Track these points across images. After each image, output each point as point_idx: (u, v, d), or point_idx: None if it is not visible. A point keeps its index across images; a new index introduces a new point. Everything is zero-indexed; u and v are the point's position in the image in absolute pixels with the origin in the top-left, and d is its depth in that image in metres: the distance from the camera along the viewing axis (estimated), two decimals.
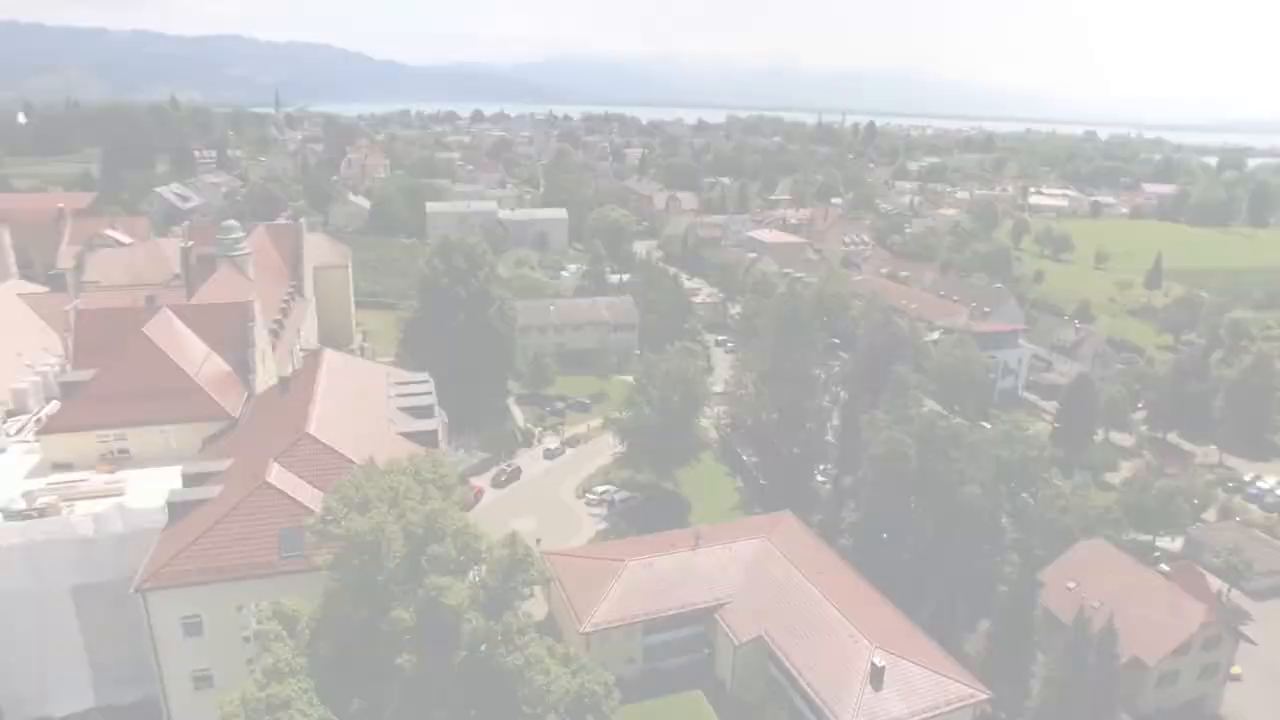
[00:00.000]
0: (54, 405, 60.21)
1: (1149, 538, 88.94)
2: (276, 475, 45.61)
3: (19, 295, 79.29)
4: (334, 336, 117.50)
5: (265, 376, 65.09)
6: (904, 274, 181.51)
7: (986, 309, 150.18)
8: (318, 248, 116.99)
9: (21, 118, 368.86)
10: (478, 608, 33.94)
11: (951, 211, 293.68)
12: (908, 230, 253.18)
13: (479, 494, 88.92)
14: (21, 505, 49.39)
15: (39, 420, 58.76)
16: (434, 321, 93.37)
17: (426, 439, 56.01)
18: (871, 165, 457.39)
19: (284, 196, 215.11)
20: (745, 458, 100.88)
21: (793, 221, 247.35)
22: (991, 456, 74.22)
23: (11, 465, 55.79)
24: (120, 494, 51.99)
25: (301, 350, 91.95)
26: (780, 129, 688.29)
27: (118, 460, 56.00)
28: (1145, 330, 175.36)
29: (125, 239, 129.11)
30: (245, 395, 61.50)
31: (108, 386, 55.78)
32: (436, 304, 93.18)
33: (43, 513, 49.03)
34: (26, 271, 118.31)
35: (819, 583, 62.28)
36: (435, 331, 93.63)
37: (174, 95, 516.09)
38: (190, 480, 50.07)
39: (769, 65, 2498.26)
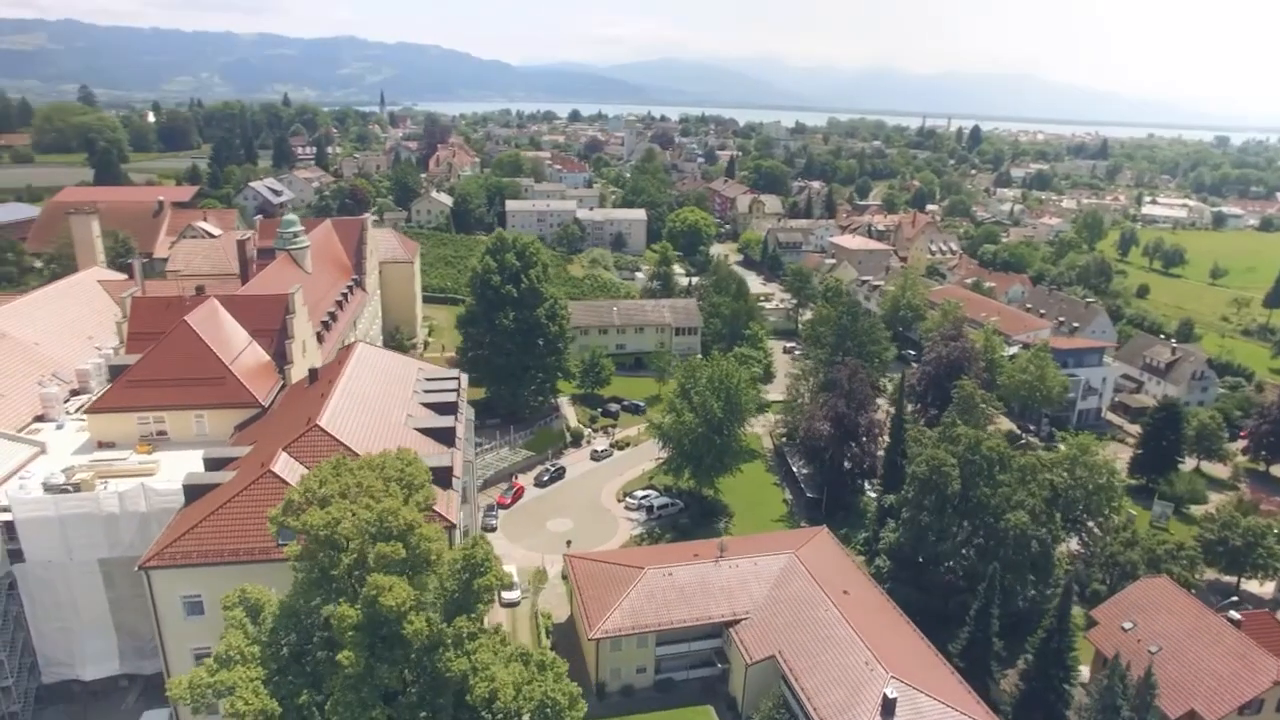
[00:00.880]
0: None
1: (1232, 579, 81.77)
2: (282, 464, 46.63)
3: (99, 281, 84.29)
4: (400, 330, 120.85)
5: (306, 366, 66.93)
6: (989, 285, 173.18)
7: (1075, 324, 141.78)
8: (386, 243, 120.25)
9: (150, 117, 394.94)
10: (437, 610, 33.62)
11: (1054, 221, 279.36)
12: (1003, 239, 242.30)
13: (519, 492, 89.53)
14: (60, 480, 52.18)
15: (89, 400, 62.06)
16: (484, 318, 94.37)
17: (443, 436, 56.31)
18: (973, 172, 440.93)
19: (371, 192, 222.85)
20: (796, 469, 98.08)
21: (880, 228, 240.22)
22: (1045, 481, 69.52)
23: (65, 441, 59.19)
24: (152, 474, 54.36)
25: (354, 341, 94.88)
26: (881, 133, 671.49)
27: (156, 442, 58.61)
28: (1259, 353, 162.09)
29: (215, 230, 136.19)
30: (280, 384, 63.45)
31: (149, 371, 58.48)
32: (487, 301, 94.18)
33: (77, 488, 51.62)
34: (125, 260, 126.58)
35: (842, 604, 59.53)
36: (485, 328, 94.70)
37: (286, 94, 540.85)
38: (211, 465, 51.85)
39: (872, 68, 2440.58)
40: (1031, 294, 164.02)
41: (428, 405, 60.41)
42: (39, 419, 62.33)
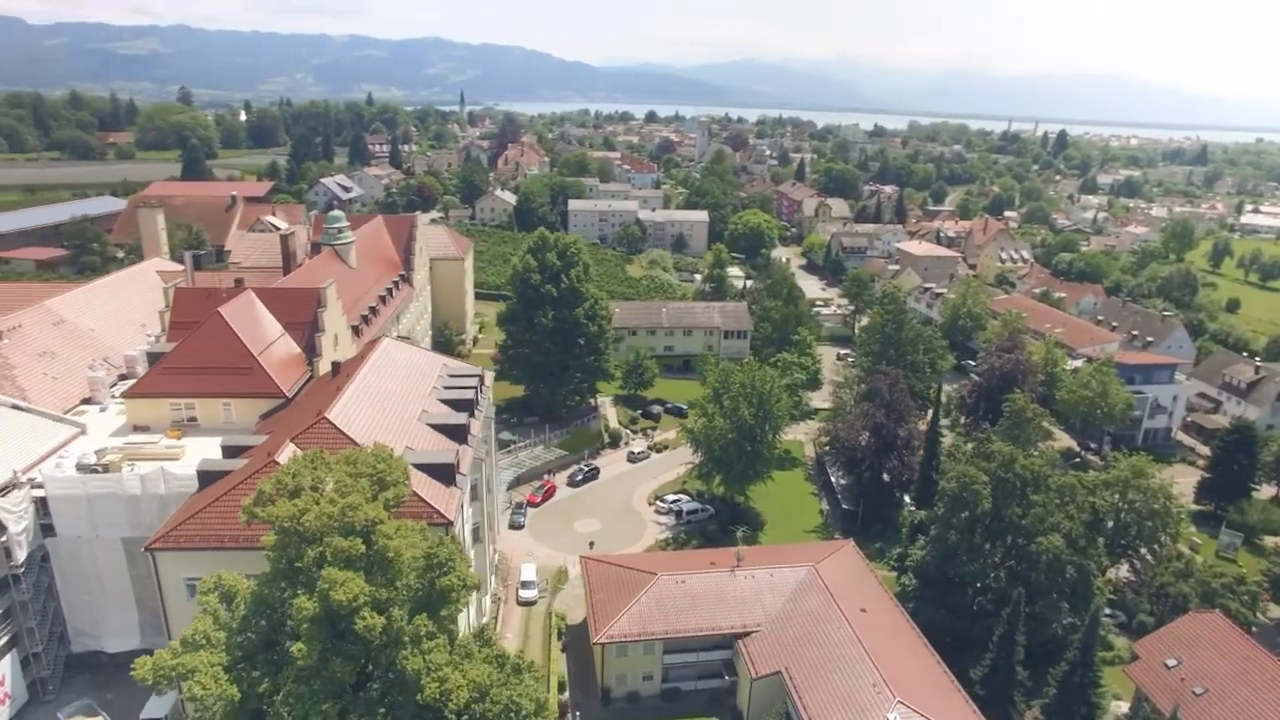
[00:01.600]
0: None
1: None
2: (287, 456, 47.48)
3: (159, 272, 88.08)
4: (449, 326, 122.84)
5: (341, 359, 68.40)
6: (1059, 295, 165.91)
7: (1149, 339, 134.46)
8: (438, 240, 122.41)
9: (242, 116, 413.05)
10: (402, 607, 33.64)
11: (1140, 229, 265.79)
12: (1083, 248, 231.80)
13: (550, 491, 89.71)
14: (92, 460, 54.57)
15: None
16: (523, 316, 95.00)
17: (455, 433, 56.71)
18: (1058, 178, 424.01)
19: (438, 190, 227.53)
20: (834, 479, 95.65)
21: (950, 234, 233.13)
22: (1086, 504, 65.76)
23: (104, 423, 61.88)
24: (177, 458, 56.25)
25: (396, 336, 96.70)
26: (963, 137, 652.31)
27: (187, 428, 60.71)
28: None
29: (283, 224, 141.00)
30: (307, 376, 64.98)
31: (183, 359, 60.61)
32: (527, 299, 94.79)
33: (106, 469, 53.86)
34: (196, 252, 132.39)
35: (857, 622, 57.51)
36: (524, 326, 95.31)
37: (370, 94, 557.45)
38: (228, 452, 53.38)
39: (956, 70, 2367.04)
40: (1104, 306, 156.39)
41: (446, 401, 60.89)
42: (86, 401, 65.34)
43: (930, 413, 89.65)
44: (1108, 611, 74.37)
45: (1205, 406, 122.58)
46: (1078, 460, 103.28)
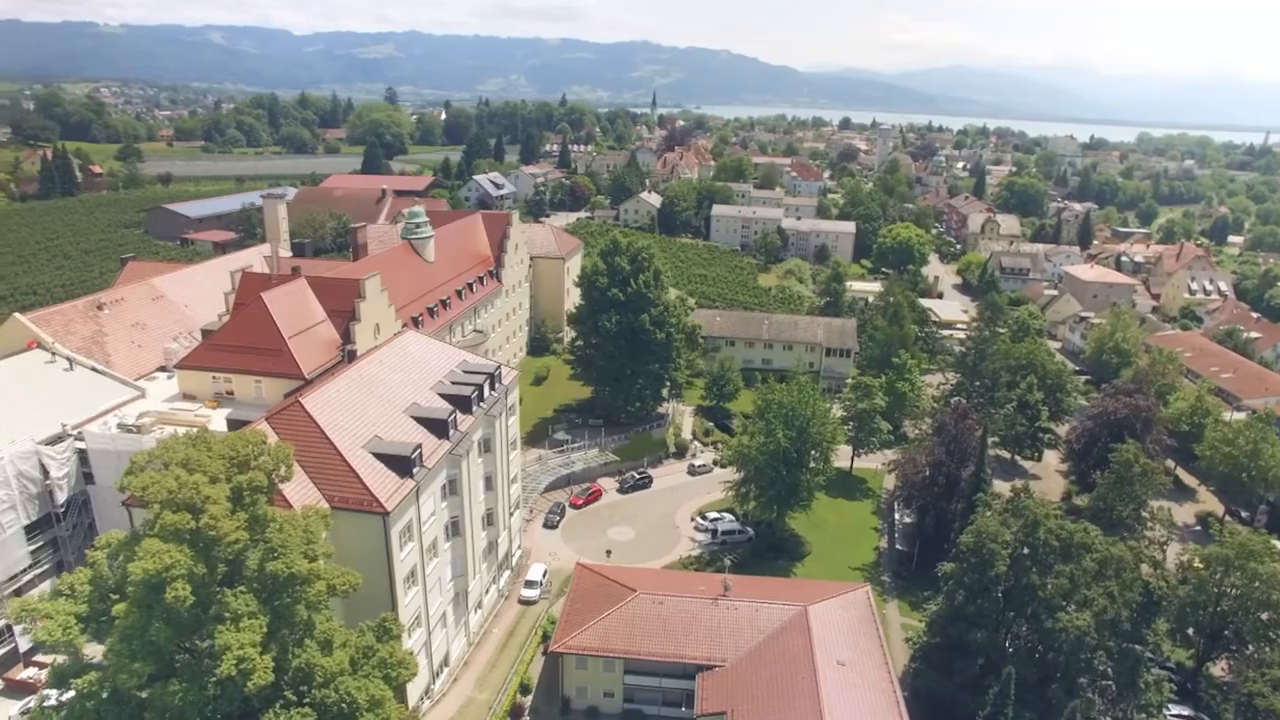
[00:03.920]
0: None
1: None
2: (262, 430, 50.90)
3: (265, 257, 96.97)
4: (545, 324, 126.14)
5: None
6: (1249, 335, 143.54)
7: None
8: (542, 239, 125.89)
9: (441, 115, 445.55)
10: (236, 586, 35.21)
11: None
12: None
13: (595, 495, 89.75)
14: (131, 421, 61.24)
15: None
16: (589, 319, 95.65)
17: (438, 427, 58.20)
18: None
19: (591, 190, 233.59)
20: (899, 518, 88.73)
21: (1136, 259, 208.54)
22: (1136, 582, 56.57)
23: (162, 390, 69.12)
24: (204, 426, 61.78)
25: (472, 330, 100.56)
26: (1200, 151, 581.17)
27: (224, 400, 66.49)
28: None
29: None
30: (335, 360, 69.02)
31: (226, 337, 66.43)
32: (593, 302, 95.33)
33: (139, 430, 60.23)
34: (343, 239, 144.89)
35: (827, 674, 52.98)
36: (590, 329, 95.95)
37: (563, 95, 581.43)
38: (231, 425, 57.89)
39: (1205, 78, 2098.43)
40: None
41: (446, 396, 62.60)
42: (161, 369, 73.40)
43: (1061, 455, 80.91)
44: (1187, 713, 63.98)
45: None
46: (1213, 530, 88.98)
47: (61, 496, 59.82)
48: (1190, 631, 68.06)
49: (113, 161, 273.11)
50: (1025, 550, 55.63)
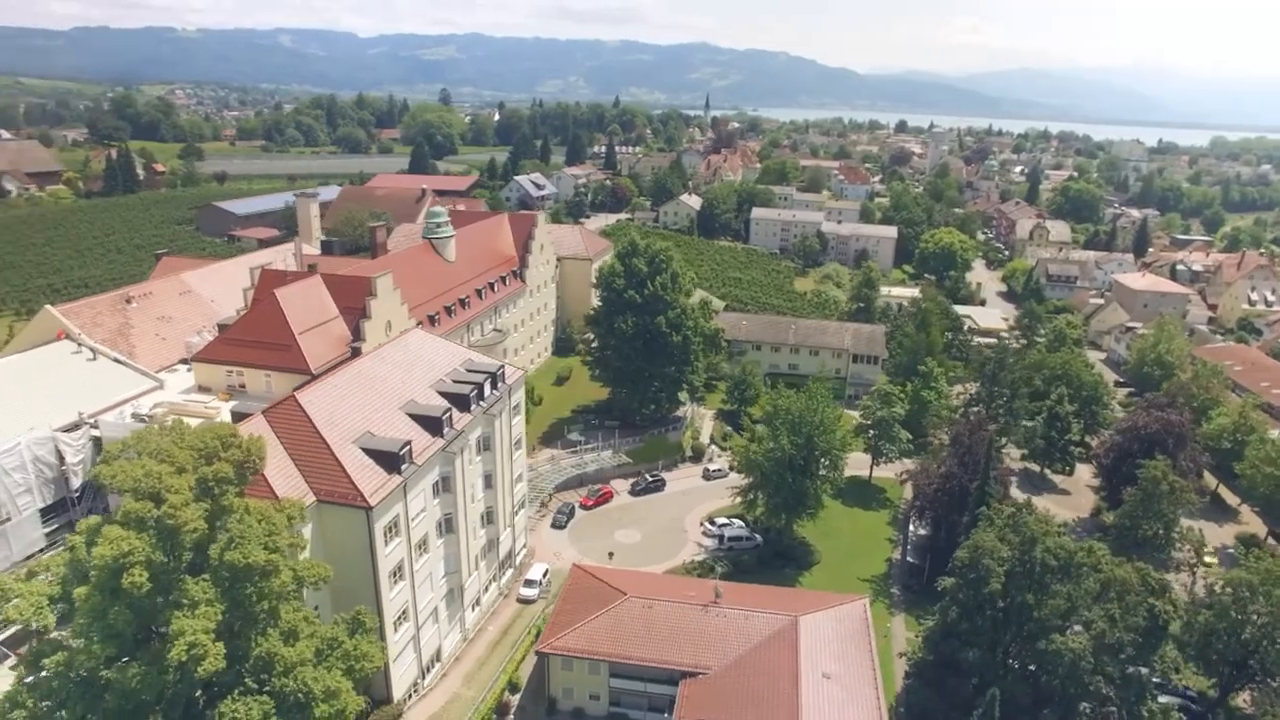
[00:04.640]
0: None
1: None
2: (255, 425, 52.36)
3: (292, 254, 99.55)
4: (570, 324, 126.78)
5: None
6: None
7: None
8: (570, 240, 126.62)
9: (495, 116, 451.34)
10: (199, 574, 36.26)
11: None
12: None
13: (606, 496, 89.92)
14: (144, 411, 63.47)
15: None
16: (605, 320, 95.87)
17: (431, 424, 59.01)
18: None
19: (632, 191, 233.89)
20: (913, 529, 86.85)
21: (1194, 267, 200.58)
22: (1140, 605, 54.29)
23: (181, 382, 71.45)
24: (211, 418, 63.75)
25: (492, 329, 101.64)
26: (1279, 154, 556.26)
27: (237, 393, 68.46)
28: None
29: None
30: (344, 356, 70.48)
31: (240, 332, 68.49)
32: (610, 303, 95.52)
33: (152, 420, 62.36)
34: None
35: (810, 687, 52.34)
36: (607, 331, 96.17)
37: (616, 97, 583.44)
38: (235, 418, 59.62)
39: None
40: None
41: (444, 394, 63.44)
42: (182, 361, 75.85)
43: (1094, 470, 78.71)
44: None
45: None
46: (1254, 552, 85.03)
47: (76, 482, 61.98)
48: (1213, 659, 65.14)
49: (175, 160, 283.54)
50: (1020, 568, 53.85)
